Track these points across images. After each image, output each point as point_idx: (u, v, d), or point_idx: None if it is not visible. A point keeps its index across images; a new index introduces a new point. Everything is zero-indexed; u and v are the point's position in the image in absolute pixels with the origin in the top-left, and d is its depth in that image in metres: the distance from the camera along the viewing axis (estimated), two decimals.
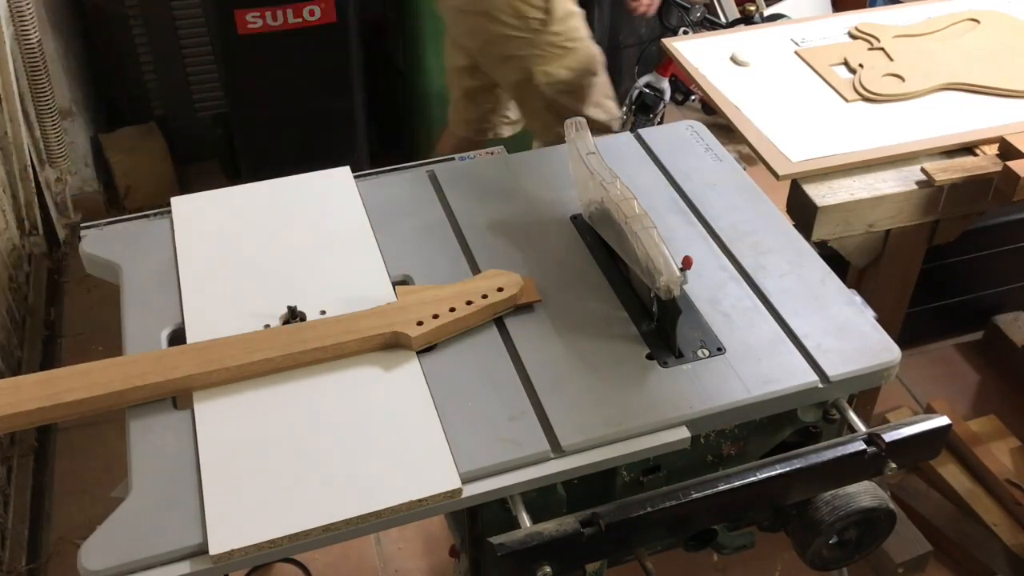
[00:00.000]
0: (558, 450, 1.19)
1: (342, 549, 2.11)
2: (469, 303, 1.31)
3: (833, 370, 1.29)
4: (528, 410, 1.23)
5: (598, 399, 1.25)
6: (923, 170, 1.72)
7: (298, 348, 1.25)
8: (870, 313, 1.39)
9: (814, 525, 1.29)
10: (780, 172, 1.72)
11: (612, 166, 1.43)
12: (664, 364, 1.30)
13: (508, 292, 1.33)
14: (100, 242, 1.51)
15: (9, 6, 2.52)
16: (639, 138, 1.74)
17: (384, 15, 3.16)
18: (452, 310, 1.31)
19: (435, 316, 1.29)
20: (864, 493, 1.30)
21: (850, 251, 1.78)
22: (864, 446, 1.24)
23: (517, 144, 2.52)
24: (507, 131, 2.58)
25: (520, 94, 2.34)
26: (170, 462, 1.17)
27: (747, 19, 3.16)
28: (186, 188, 3.08)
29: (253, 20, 2.70)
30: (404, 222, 1.54)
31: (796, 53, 2.04)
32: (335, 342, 1.27)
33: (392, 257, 1.47)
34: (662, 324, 1.33)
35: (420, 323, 1.29)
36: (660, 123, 3.09)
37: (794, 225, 1.64)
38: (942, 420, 1.29)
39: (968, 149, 1.78)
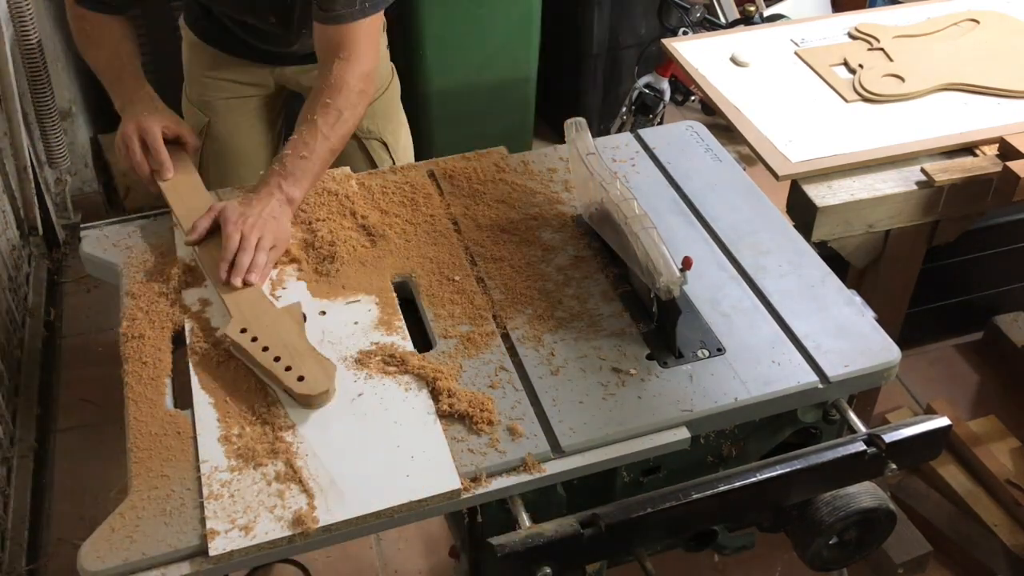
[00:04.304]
0: (558, 450, 1.19)
1: (342, 550, 2.10)
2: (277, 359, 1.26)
3: (833, 370, 1.29)
4: (528, 410, 1.23)
5: (598, 399, 1.25)
6: (923, 170, 1.72)
7: None
8: (870, 313, 1.39)
9: (814, 525, 1.29)
10: (780, 172, 1.72)
11: (612, 166, 1.43)
12: (664, 364, 1.30)
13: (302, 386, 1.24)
14: (100, 243, 1.51)
15: (9, 6, 2.52)
16: (639, 138, 1.74)
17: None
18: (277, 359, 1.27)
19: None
20: (864, 494, 1.30)
21: (850, 251, 1.78)
22: (864, 447, 1.24)
23: (517, 144, 2.52)
24: None
25: None
26: (170, 462, 1.17)
27: (747, 19, 3.16)
28: None
29: None
30: (405, 222, 1.54)
31: (796, 53, 2.04)
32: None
33: (394, 257, 1.47)
34: (662, 324, 1.33)
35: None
36: (660, 123, 3.08)
37: (794, 225, 1.64)
38: (942, 421, 1.29)
39: (968, 149, 1.78)
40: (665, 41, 2.12)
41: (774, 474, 1.21)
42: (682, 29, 2.97)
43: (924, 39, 2.05)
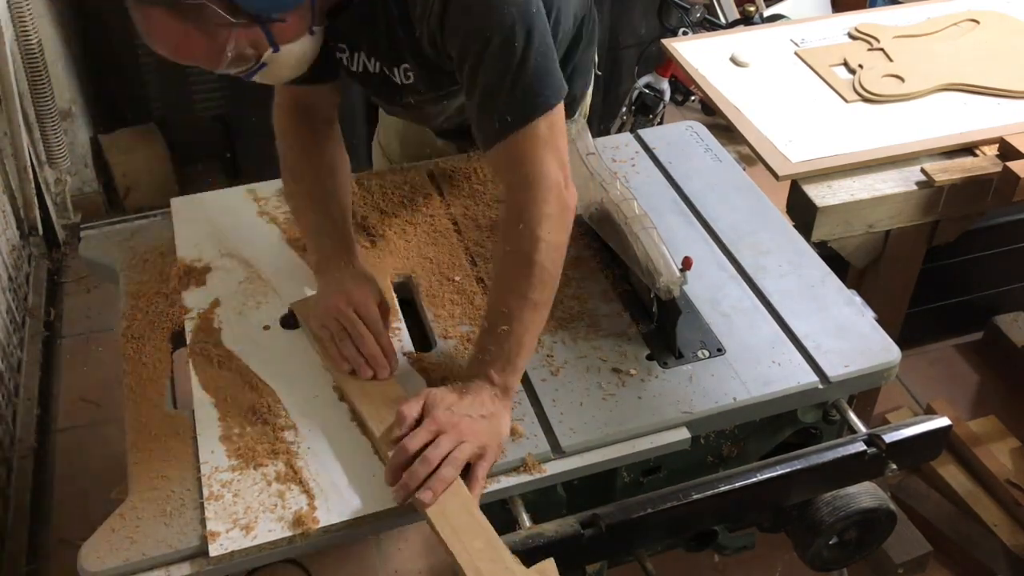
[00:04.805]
0: (558, 450, 1.19)
1: (342, 550, 2.10)
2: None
3: (833, 371, 1.29)
4: (528, 410, 1.23)
5: (598, 399, 1.25)
6: (923, 171, 1.72)
7: None
8: (870, 313, 1.39)
9: (814, 526, 1.29)
10: (780, 172, 1.72)
11: (612, 166, 1.43)
12: (664, 364, 1.30)
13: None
14: (99, 243, 1.51)
15: (9, 7, 2.52)
16: (639, 138, 1.74)
17: None
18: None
19: None
20: (864, 494, 1.30)
21: (850, 251, 1.78)
22: (864, 447, 1.24)
23: None
24: None
25: None
26: (170, 462, 1.17)
27: (747, 20, 3.16)
28: (186, 188, 3.08)
29: None
30: (405, 222, 1.53)
31: (796, 54, 2.04)
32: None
33: (394, 257, 1.47)
34: (662, 324, 1.33)
35: None
36: (660, 123, 3.08)
37: (794, 225, 1.64)
38: (942, 421, 1.29)
39: (968, 149, 1.78)
40: (665, 41, 2.12)
41: (774, 474, 1.21)
42: (682, 29, 2.97)
43: (924, 39, 2.05)
